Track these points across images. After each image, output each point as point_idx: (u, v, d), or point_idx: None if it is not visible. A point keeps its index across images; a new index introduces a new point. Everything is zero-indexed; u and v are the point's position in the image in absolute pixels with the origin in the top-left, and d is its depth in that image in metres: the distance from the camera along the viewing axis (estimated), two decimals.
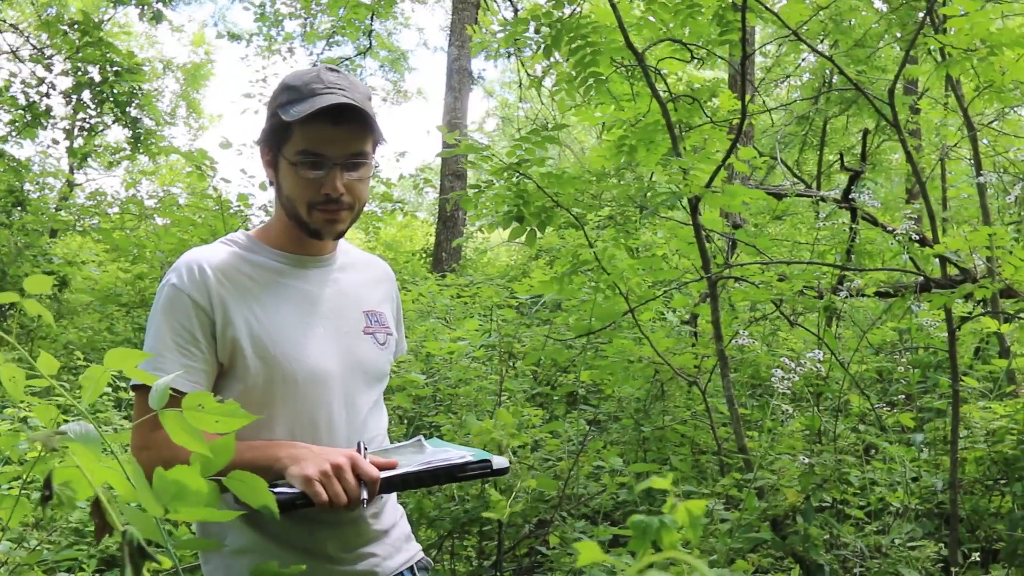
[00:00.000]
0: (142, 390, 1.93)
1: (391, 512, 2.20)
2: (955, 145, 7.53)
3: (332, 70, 2.07)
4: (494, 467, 1.91)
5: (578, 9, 5.27)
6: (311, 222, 2.06)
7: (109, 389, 5.31)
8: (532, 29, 5.27)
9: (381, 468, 1.90)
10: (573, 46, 5.04)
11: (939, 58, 5.01)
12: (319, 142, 2.00)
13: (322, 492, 1.79)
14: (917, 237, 4.95)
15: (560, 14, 5.06)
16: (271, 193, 2.17)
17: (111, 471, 1.07)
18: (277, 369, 2.00)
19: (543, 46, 5.17)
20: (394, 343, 2.27)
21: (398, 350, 2.34)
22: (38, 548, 3.61)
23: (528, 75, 5.77)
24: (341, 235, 2.14)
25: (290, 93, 2.02)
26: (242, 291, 2.03)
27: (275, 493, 1.82)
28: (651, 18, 4.86)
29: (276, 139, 2.04)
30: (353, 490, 1.82)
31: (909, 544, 3.63)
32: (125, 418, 5.51)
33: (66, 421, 1.16)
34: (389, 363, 2.25)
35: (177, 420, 1.17)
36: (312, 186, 2.02)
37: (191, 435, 1.18)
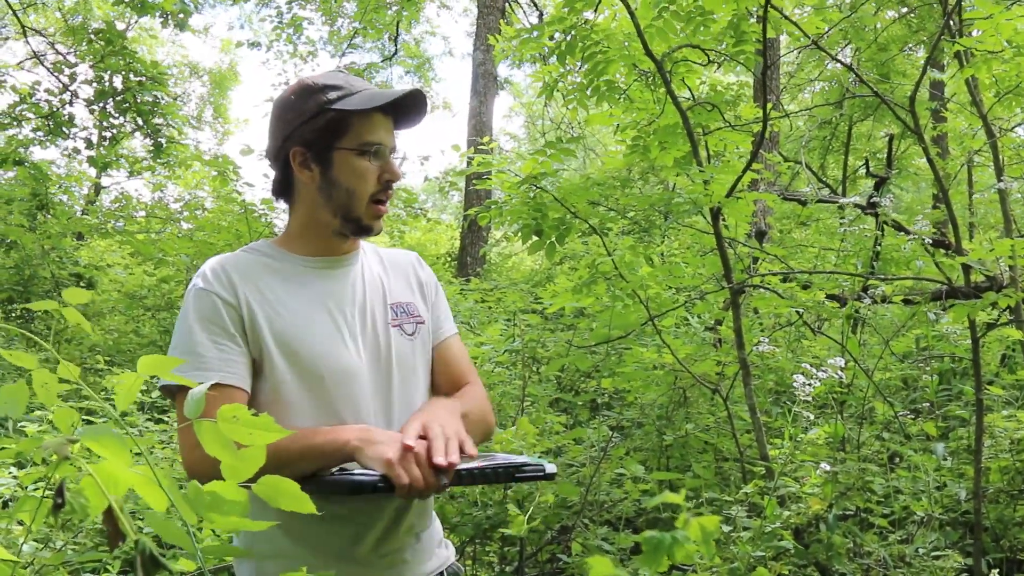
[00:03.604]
0: (182, 392, 1.92)
1: (425, 516, 2.19)
2: (979, 150, 7.48)
3: (345, 71, 2.15)
4: (547, 471, 1.93)
5: (598, 16, 5.27)
6: (365, 215, 2.10)
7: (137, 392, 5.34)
8: (547, 36, 5.29)
9: None
10: (587, 53, 5.05)
11: (961, 63, 4.98)
12: (379, 132, 2.08)
13: (403, 475, 1.78)
14: (930, 241, 4.92)
15: (576, 20, 5.07)
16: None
17: (140, 477, 1.08)
18: (301, 366, 2.02)
19: (557, 53, 5.18)
20: (427, 330, 2.25)
21: (441, 331, 2.31)
22: (63, 549, 3.64)
23: (546, 83, 5.73)
24: (380, 231, 2.17)
25: (335, 91, 2.06)
26: (263, 292, 2.06)
27: (352, 476, 1.83)
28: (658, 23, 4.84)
29: (328, 134, 2.06)
30: (431, 475, 1.81)
31: (933, 553, 3.61)
32: (148, 420, 5.55)
33: (90, 423, 1.17)
34: (423, 351, 2.23)
35: (211, 431, 1.17)
36: (375, 174, 2.08)
37: (223, 446, 1.18)
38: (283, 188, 2.18)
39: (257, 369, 2.03)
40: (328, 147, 2.07)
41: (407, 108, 2.11)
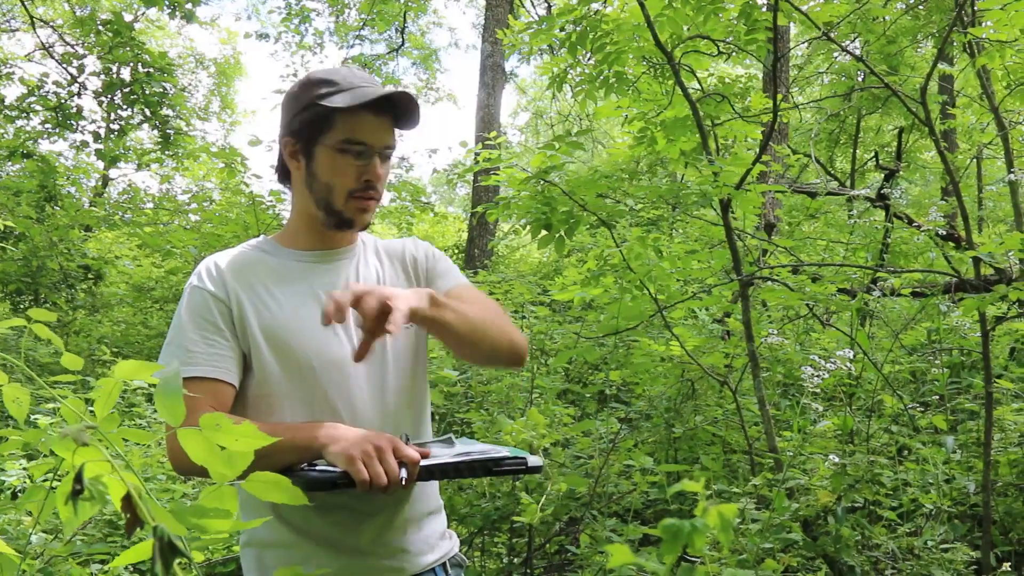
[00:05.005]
0: None
1: (428, 507, 2.21)
2: (989, 143, 7.46)
3: (357, 70, 2.16)
4: (529, 465, 1.91)
5: (607, 6, 5.26)
6: (345, 211, 2.11)
7: (144, 384, 5.34)
8: (558, 28, 5.28)
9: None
10: (596, 44, 5.04)
11: (972, 54, 4.95)
12: (364, 131, 2.06)
13: (363, 471, 1.78)
14: (943, 232, 4.89)
15: (587, 10, 5.06)
16: None
17: (119, 484, 1.08)
18: (291, 358, 2.04)
19: (568, 44, 5.17)
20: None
21: (440, 289, 2.19)
22: (72, 540, 3.65)
23: (555, 75, 5.73)
24: (368, 226, 2.18)
25: (328, 86, 2.07)
26: (256, 285, 2.09)
27: (316, 472, 1.84)
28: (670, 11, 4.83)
29: (313, 129, 2.09)
30: (393, 472, 1.80)
31: (942, 546, 3.61)
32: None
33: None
34: (420, 338, 2.22)
35: (194, 436, 1.17)
36: (354, 173, 2.08)
37: (208, 451, 1.18)
38: (283, 175, 2.23)
39: (248, 364, 2.06)
40: (312, 141, 2.10)
41: (402, 109, 2.10)
